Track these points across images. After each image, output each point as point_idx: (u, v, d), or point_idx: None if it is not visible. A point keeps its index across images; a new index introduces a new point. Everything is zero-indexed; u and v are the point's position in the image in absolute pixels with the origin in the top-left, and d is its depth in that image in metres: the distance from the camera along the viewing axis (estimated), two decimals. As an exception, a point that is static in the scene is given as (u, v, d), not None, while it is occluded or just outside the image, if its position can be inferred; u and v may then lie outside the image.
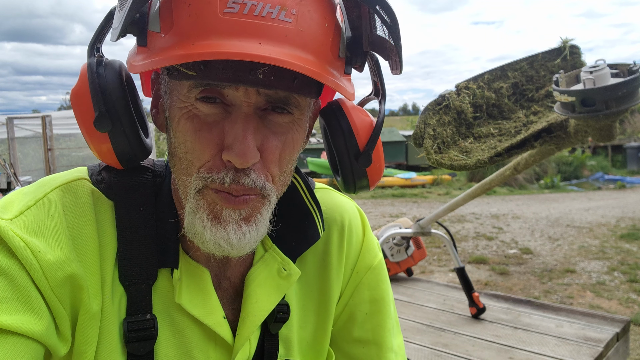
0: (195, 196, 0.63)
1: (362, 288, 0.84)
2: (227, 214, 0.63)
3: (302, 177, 0.82)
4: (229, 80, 0.56)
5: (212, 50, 0.52)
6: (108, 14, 0.64)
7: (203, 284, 0.71)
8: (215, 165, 0.61)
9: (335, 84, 0.59)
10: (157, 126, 0.72)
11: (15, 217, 0.62)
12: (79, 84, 0.63)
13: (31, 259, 0.60)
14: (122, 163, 0.67)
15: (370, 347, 0.84)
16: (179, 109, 0.62)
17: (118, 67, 0.65)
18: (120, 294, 0.67)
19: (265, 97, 0.60)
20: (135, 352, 0.66)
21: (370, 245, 0.87)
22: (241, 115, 0.59)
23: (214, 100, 0.60)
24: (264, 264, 0.75)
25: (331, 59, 0.61)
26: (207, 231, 0.63)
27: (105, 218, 0.68)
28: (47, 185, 0.67)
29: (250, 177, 0.61)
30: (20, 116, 10.05)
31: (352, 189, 0.75)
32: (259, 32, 0.54)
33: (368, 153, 0.71)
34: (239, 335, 0.72)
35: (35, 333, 0.59)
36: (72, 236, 0.64)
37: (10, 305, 0.58)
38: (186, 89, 0.60)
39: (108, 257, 0.66)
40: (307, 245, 0.78)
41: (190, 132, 0.61)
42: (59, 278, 0.61)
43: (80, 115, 0.63)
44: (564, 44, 2.15)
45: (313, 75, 0.55)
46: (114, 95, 0.62)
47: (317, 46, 0.58)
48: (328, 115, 0.73)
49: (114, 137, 0.63)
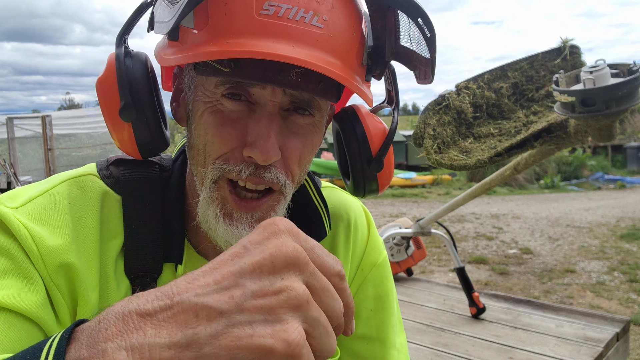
0: (212, 187, 0.64)
1: (367, 285, 0.85)
2: (238, 215, 0.64)
3: (311, 176, 0.83)
4: (259, 79, 0.58)
5: (247, 49, 0.54)
6: (139, 6, 0.65)
7: None
8: (233, 157, 0.62)
9: (359, 89, 0.61)
10: (176, 119, 0.73)
11: (20, 205, 0.63)
12: (106, 73, 0.64)
13: (31, 244, 0.60)
14: (142, 153, 0.68)
15: (374, 344, 0.84)
16: (203, 103, 0.63)
17: (144, 60, 0.67)
18: (125, 287, 0.67)
19: (290, 98, 0.62)
20: None
21: (375, 242, 0.88)
22: (265, 114, 0.61)
23: (240, 98, 0.61)
24: None
25: (356, 65, 0.63)
26: (219, 227, 0.64)
27: (112, 212, 0.68)
28: (55, 179, 0.68)
29: (272, 172, 0.62)
30: (20, 116, 10.05)
31: (361, 192, 0.77)
32: (291, 35, 0.56)
33: (380, 159, 0.74)
34: None
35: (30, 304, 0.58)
36: (74, 227, 0.65)
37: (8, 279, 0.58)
38: (213, 85, 0.61)
39: (111, 250, 0.67)
40: None
41: (212, 125, 0.62)
42: (56, 264, 0.62)
43: (106, 104, 0.65)
44: (564, 44, 2.15)
45: (340, 80, 0.57)
46: (140, 86, 0.64)
47: (344, 52, 0.60)
48: (342, 120, 0.75)
49: (137, 128, 0.65)
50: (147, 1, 0.65)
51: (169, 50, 0.62)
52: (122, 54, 0.64)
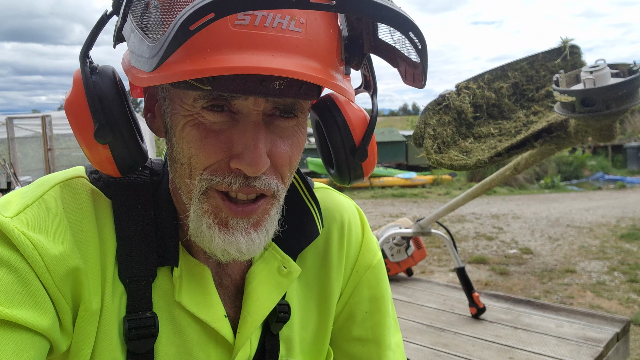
0: (201, 198, 0.62)
1: (362, 287, 0.85)
2: (234, 222, 0.63)
3: (301, 176, 0.82)
4: (240, 91, 0.56)
5: (227, 65, 0.51)
6: (100, 20, 0.62)
7: (204, 282, 0.71)
8: (220, 168, 0.61)
9: (341, 89, 0.59)
10: (152, 131, 0.71)
11: (15, 215, 0.62)
12: (74, 93, 0.61)
13: (34, 254, 0.60)
14: (122, 171, 0.66)
15: (369, 346, 0.84)
16: (183, 117, 0.61)
17: (112, 74, 0.64)
18: (120, 291, 0.67)
19: (273, 104, 0.61)
20: (135, 350, 0.66)
21: (370, 244, 0.87)
22: (250, 124, 0.59)
23: (221, 109, 0.60)
24: (264, 262, 0.75)
25: (336, 63, 0.62)
26: (214, 238, 0.62)
27: (104, 216, 0.68)
28: (45, 184, 0.67)
29: (262, 180, 0.61)
30: (20, 116, 10.05)
31: (346, 181, 0.76)
32: (271, 44, 0.53)
33: (364, 148, 0.73)
34: (239, 334, 0.72)
35: (41, 328, 0.59)
36: (73, 233, 0.64)
37: (18, 298, 0.58)
38: (192, 99, 0.59)
39: (108, 254, 0.66)
40: (306, 242, 0.79)
41: (195, 139, 0.60)
42: (62, 272, 0.61)
43: (78, 127, 0.62)
44: (564, 44, 2.15)
45: (323, 84, 0.56)
46: (112, 105, 0.61)
47: (324, 53, 0.59)
48: (322, 110, 0.74)
49: (115, 148, 0.63)
50: (107, 13, 0.62)
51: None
52: (89, 71, 0.61)
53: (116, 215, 0.68)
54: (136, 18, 0.56)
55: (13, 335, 0.56)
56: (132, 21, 0.56)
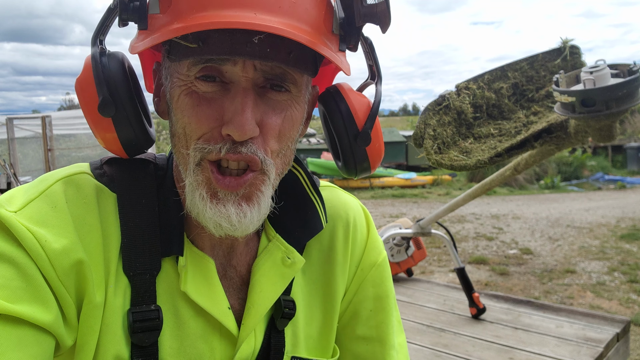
0: (195, 169, 0.64)
1: (366, 285, 0.85)
2: (223, 194, 0.64)
3: (304, 169, 0.82)
4: (226, 52, 0.58)
5: (209, 21, 0.55)
6: (110, 7, 0.65)
7: (208, 273, 0.71)
8: (212, 137, 0.62)
9: (331, 55, 0.60)
10: (158, 113, 0.73)
11: (19, 209, 0.62)
12: (83, 72, 0.65)
13: (37, 249, 0.60)
14: (127, 150, 0.68)
15: (373, 344, 0.84)
16: (178, 87, 0.64)
17: (121, 57, 0.67)
18: (124, 284, 0.67)
19: (262, 74, 0.62)
20: (139, 343, 0.66)
21: (375, 242, 0.87)
22: (240, 91, 0.61)
23: (214, 79, 0.62)
24: (267, 254, 0.76)
25: (325, 32, 0.63)
26: (207, 209, 0.63)
27: (108, 210, 0.68)
28: (48, 179, 0.67)
29: (249, 147, 0.62)
30: (20, 116, 10.04)
31: (353, 171, 0.75)
32: (253, 3, 0.56)
33: (367, 132, 0.72)
34: (243, 326, 0.72)
35: (45, 323, 0.59)
36: (77, 226, 0.64)
37: (20, 293, 0.58)
38: (186, 68, 0.62)
39: (112, 248, 0.67)
40: (310, 234, 0.79)
41: (188, 106, 0.63)
42: (66, 266, 0.62)
43: (85, 103, 0.65)
44: (564, 44, 2.15)
45: (307, 43, 0.57)
46: (117, 81, 0.64)
47: (310, 18, 0.60)
48: (326, 99, 0.75)
49: (118, 123, 0.65)
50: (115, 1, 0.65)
51: (138, 39, 0.64)
52: (98, 52, 0.65)
53: (120, 209, 0.68)
54: None
55: (16, 330, 0.56)
56: None
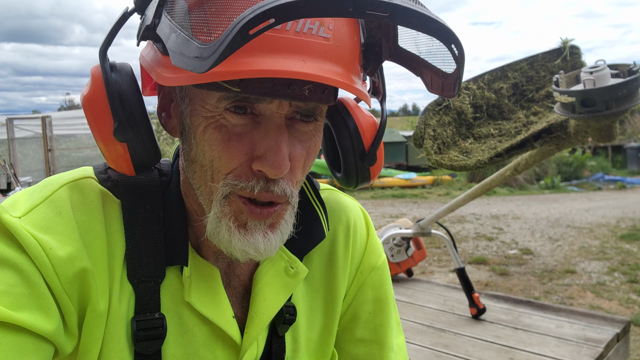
0: (222, 202, 0.62)
1: (366, 288, 0.85)
2: (253, 224, 0.63)
3: (309, 178, 0.83)
4: (267, 94, 0.56)
5: (259, 68, 0.51)
6: (121, 17, 0.61)
7: (213, 283, 0.71)
8: (243, 172, 0.61)
9: (362, 94, 0.60)
10: (167, 130, 0.71)
11: (23, 215, 0.62)
12: (93, 90, 0.61)
13: (42, 256, 0.59)
14: (137, 169, 0.66)
15: (372, 347, 0.84)
16: (205, 118, 0.61)
17: (131, 73, 0.64)
18: (128, 292, 0.66)
19: (295, 108, 0.61)
20: (143, 351, 0.66)
21: (375, 245, 0.88)
22: (273, 127, 0.60)
23: (244, 111, 0.60)
24: (270, 263, 0.76)
25: (357, 69, 0.63)
26: (234, 239, 0.63)
27: (113, 216, 0.67)
28: (53, 184, 0.66)
29: (280, 185, 0.62)
30: (20, 117, 10.04)
31: (353, 185, 0.78)
32: (301, 49, 0.54)
33: (374, 153, 0.74)
34: (247, 335, 0.72)
35: (46, 332, 0.58)
36: (82, 233, 0.64)
37: (23, 301, 0.58)
38: (215, 99, 0.59)
39: (117, 255, 0.66)
40: (312, 244, 0.79)
41: (218, 141, 0.60)
42: (70, 274, 0.61)
43: (97, 123, 0.62)
44: (564, 45, 2.15)
45: (348, 89, 0.56)
46: (132, 103, 0.62)
47: (348, 59, 0.59)
48: (333, 114, 0.75)
49: (133, 146, 0.63)
50: (128, 11, 0.61)
51: (166, 67, 0.57)
52: (109, 69, 0.61)
53: (125, 216, 0.68)
54: (178, 18, 0.55)
55: (17, 338, 0.56)
56: (171, 21, 0.55)
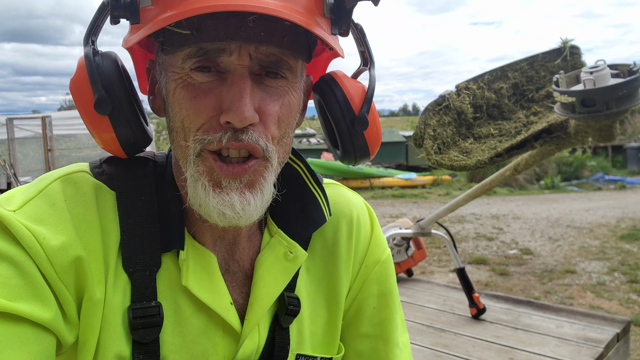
0: (195, 161, 0.64)
1: (370, 282, 0.85)
2: (227, 182, 0.63)
3: (304, 162, 0.82)
4: (221, 38, 0.58)
5: (202, 5, 0.54)
6: (101, 5, 0.65)
7: (210, 268, 0.71)
8: (211, 127, 0.62)
9: (325, 36, 0.60)
10: (154, 111, 0.73)
11: (18, 208, 0.63)
12: (77, 73, 0.65)
13: (35, 246, 0.60)
14: (125, 149, 0.68)
15: (377, 342, 0.84)
16: (174, 80, 0.63)
17: (114, 56, 0.67)
18: (124, 281, 0.67)
19: (258, 62, 0.62)
20: (140, 340, 0.66)
21: (379, 239, 0.87)
22: (236, 78, 0.61)
23: (209, 70, 0.62)
24: (270, 249, 0.76)
25: (318, 15, 0.63)
26: (209, 199, 0.63)
27: (107, 207, 0.68)
28: (47, 178, 0.68)
29: (250, 134, 0.62)
30: (20, 117, 10.03)
31: (352, 157, 0.76)
32: None
33: (364, 116, 0.73)
34: (246, 321, 0.72)
35: (44, 321, 0.59)
36: (75, 224, 0.64)
37: (20, 291, 0.58)
38: (181, 60, 0.62)
39: (111, 245, 0.67)
40: (313, 228, 0.79)
41: (185, 99, 0.62)
42: (64, 263, 0.62)
43: (81, 102, 0.65)
44: (564, 45, 2.15)
45: (302, 24, 0.57)
46: (112, 79, 0.64)
47: (302, 1, 0.60)
48: (321, 87, 0.75)
49: (115, 121, 0.64)
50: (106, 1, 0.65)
51: (131, 33, 0.64)
52: (90, 51, 0.64)
53: (120, 207, 0.68)
54: None
55: (16, 328, 0.56)
56: None
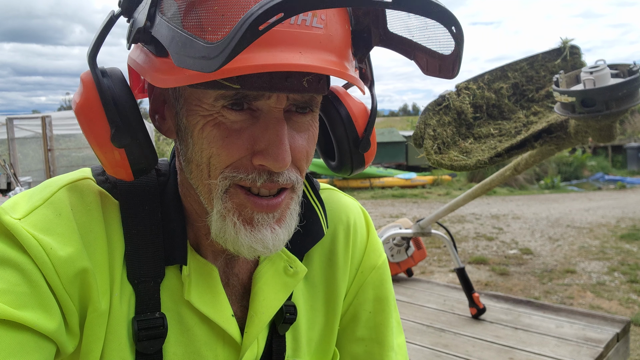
0: (223, 197, 0.62)
1: (366, 287, 0.85)
2: (259, 217, 0.63)
3: (308, 177, 0.82)
4: (265, 89, 0.57)
5: (258, 63, 0.51)
6: (108, 22, 0.61)
7: (212, 281, 0.71)
8: (242, 165, 0.61)
9: (356, 80, 0.61)
10: (162, 132, 0.70)
11: (23, 216, 0.62)
12: (86, 97, 0.60)
13: (43, 256, 0.60)
14: (136, 175, 0.65)
15: (372, 345, 0.84)
16: (202, 117, 0.60)
17: (122, 77, 0.64)
18: (129, 292, 0.67)
19: (292, 100, 0.61)
20: (144, 351, 0.66)
21: (375, 244, 0.88)
22: (273, 121, 0.60)
23: (242, 107, 0.60)
24: (270, 263, 0.76)
25: (349, 57, 0.63)
26: (241, 236, 0.62)
27: (111, 217, 0.68)
28: (52, 186, 0.67)
29: (285, 175, 0.62)
30: (20, 117, 10.03)
31: (348, 173, 0.78)
32: (297, 41, 0.54)
33: (367, 139, 0.75)
34: (247, 334, 0.72)
35: (47, 331, 0.59)
36: (82, 234, 0.64)
37: (25, 300, 0.58)
38: (212, 99, 0.59)
39: (116, 255, 0.66)
40: (312, 242, 0.79)
41: (217, 138, 0.60)
42: (71, 274, 0.61)
43: (92, 131, 0.61)
44: (564, 45, 2.15)
45: (345, 78, 0.57)
46: (127, 108, 0.61)
47: (341, 48, 0.60)
48: (324, 103, 0.75)
49: (131, 151, 0.62)
50: (115, 14, 0.61)
51: (161, 68, 0.57)
52: (100, 75, 0.61)
53: (124, 216, 0.68)
54: (175, 19, 0.54)
55: (18, 336, 0.56)
56: (169, 22, 0.54)
